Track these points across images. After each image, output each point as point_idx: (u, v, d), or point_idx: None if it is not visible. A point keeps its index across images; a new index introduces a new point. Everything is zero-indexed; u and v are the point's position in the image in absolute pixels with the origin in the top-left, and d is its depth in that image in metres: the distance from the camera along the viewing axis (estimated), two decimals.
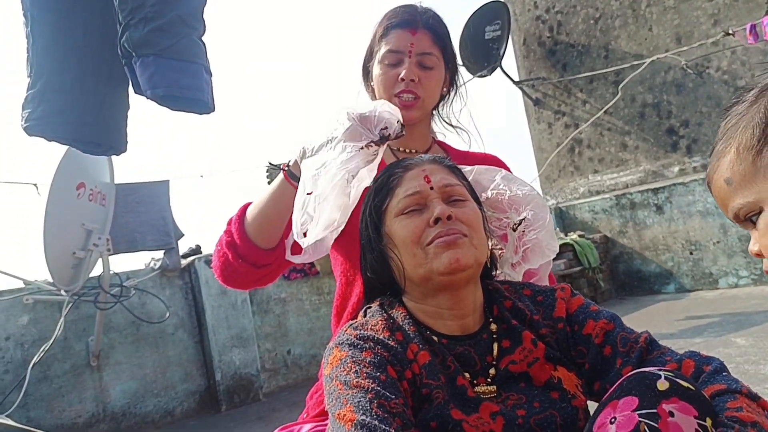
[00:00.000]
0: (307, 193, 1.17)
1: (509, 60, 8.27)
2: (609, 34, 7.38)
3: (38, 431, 3.32)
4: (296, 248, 1.26)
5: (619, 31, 7.28)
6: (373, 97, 1.56)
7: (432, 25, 1.48)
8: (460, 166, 1.25)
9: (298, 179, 1.25)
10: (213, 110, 1.90)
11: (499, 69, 7.73)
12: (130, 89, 1.99)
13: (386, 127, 1.19)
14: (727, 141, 0.95)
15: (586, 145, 7.72)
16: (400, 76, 1.44)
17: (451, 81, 1.58)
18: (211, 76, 1.87)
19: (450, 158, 1.57)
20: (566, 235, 7.19)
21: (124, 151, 2.07)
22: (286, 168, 1.32)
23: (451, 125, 1.63)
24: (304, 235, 1.18)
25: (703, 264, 6.47)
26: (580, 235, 7.09)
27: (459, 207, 1.09)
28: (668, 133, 6.98)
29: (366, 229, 1.15)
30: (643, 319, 5.48)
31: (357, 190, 1.16)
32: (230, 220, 1.42)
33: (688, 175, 6.75)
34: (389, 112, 1.20)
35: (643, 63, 6.75)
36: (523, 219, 1.23)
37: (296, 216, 1.20)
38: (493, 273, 1.22)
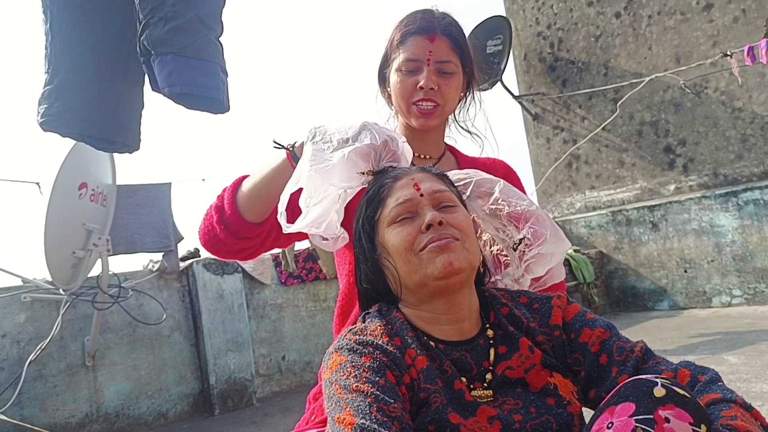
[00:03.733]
0: (299, 188, 1.18)
1: (510, 74, 8.33)
2: (609, 51, 7.45)
3: (33, 428, 3.32)
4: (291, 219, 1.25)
5: (619, 49, 7.35)
6: (390, 104, 1.56)
7: (450, 31, 1.46)
8: (459, 173, 1.27)
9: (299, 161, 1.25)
10: (228, 110, 1.93)
11: (499, 83, 7.79)
12: (145, 88, 2.01)
13: (394, 165, 1.21)
14: None
15: (584, 160, 7.77)
16: (419, 85, 1.43)
17: (467, 86, 1.57)
18: (227, 76, 1.89)
19: (458, 163, 1.60)
20: None
21: (137, 149, 2.09)
22: (291, 149, 1.32)
23: (468, 131, 1.63)
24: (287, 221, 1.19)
25: (697, 282, 6.51)
26: (575, 250, 7.13)
27: (449, 212, 1.10)
28: (665, 151, 7.03)
29: (359, 240, 1.16)
30: (636, 335, 5.50)
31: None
32: (225, 188, 1.42)
33: (684, 194, 6.80)
34: (406, 158, 1.22)
35: (642, 81, 6.82)
36: (522, 239, 1.23)
37: (284, 197, 1.20)
38: (486, 280, 1.23)
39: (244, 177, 1.41)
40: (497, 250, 1.27)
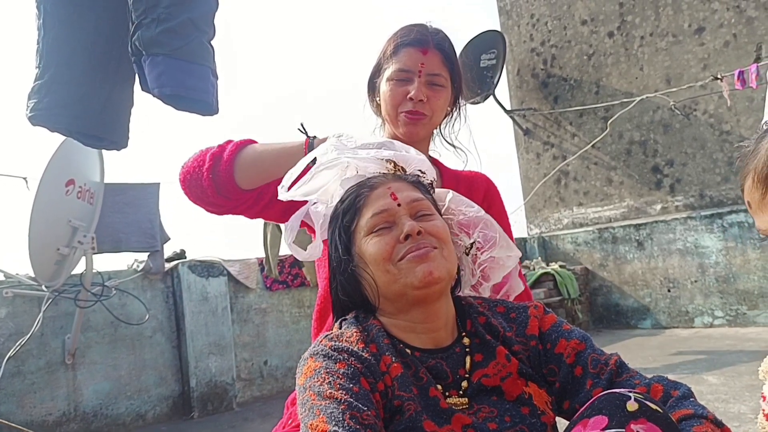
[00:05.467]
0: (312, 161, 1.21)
1: (502, 89, 8.39)
2: (601, 70, 7.52)
3: (9, 424, 3.29)
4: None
5: (611, 68, 7.42)
6: (378, 113, 1.58)
7: (443, 46, 1.50)
8: None
9: None
10: (217, 112, 1.94)
11: (492, 97, 7.84)
12: (135, 86, 2.01)
13: (424, 173, 1.24)
14: (751, 168, 1.00)
15: (573, 177, 7.82)
16: (409, 95, 1.45)
17: (454, 101, 1.60)
18: (217, 79, 1.90)
19: (441, 176, 1.61)
20: (548, 265, 7.25)
21: (125, 146, 2.09)
22: (312, 138, 1.34)
23: (452, 145, 1.65)
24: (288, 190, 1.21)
25: (680, 302, 6.56)
26: (561, 266, 7.17)
27: (427, 221, 1.11)
28: (653, 171, 7.09)
29: (336, 251, 1.15)
30: (618, 352, 5.51)
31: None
32: (230, 140, 1.43)
33: (670, 214, 6.86)
34: (432, 169, 1.26)
35: (633, 101, 6.89)
36: (474, 243, 1.24)
37: (295, 170, 1.23)
38: (458, 291, 1.24)
39: (253, 141, 1.42)
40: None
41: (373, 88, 1.58)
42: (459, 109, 1.63)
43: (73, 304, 4.09)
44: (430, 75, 1.47)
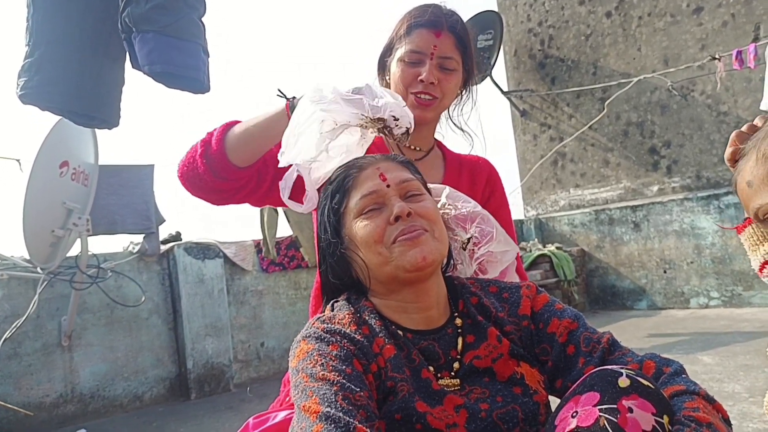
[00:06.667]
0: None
1: (499, 70, 8.34)
2: (598, 51, 7.47)
3: (7, 405, 3.30)
4: (297, 194, 1.28)
5: (608, 49, 7.38)
6: None
7: (456, 28, 1.48)
8: None
9: None
10: (208, 90, 1.92)
11: (489, 78, 7.80)
12: (127, 65, 1.99)
13: (397, 119, 1.22)
14: (752, 147, 1.02)
15: (570, 158, 7.80)
16: (420, 77, 1.45)
17: (464, 84, 1.58)
18: (208, 56, 1.89)
19: (445, 159, 1.61)
20: (544, 246, 7.26)
21: (117, 125, 2.08)
22: (292, 99, 1.33)
23: (460, 129, 1.64)
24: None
25: (675, 283, 6.58)
26: (557, 247, 7.18)
27: (417, 202, 1.10)
28: (650, 152, 7.08)
29: (325, 233, 1.15)
30: (614, 333, 5.54)
31: (343, 159, 1.19)
32: (216, 127, 1.42)
33: (667, 195, 6.85)
34: (408, 115, 1.23)
35: (630, 82, 6.86)
36: (470, 237, 1.24)
37: (286, 135, 1.24)
38: (450, 269, 1.23)
39: (237, 122, 1.41)
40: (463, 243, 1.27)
41: (383, 67, 1.57)
42: (469, 92, 1.61)
43: (69, 286, 4.09)
44: (442, 58, 1.46)
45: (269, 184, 1.44)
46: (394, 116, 1.23)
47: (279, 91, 1.38)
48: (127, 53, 1.85)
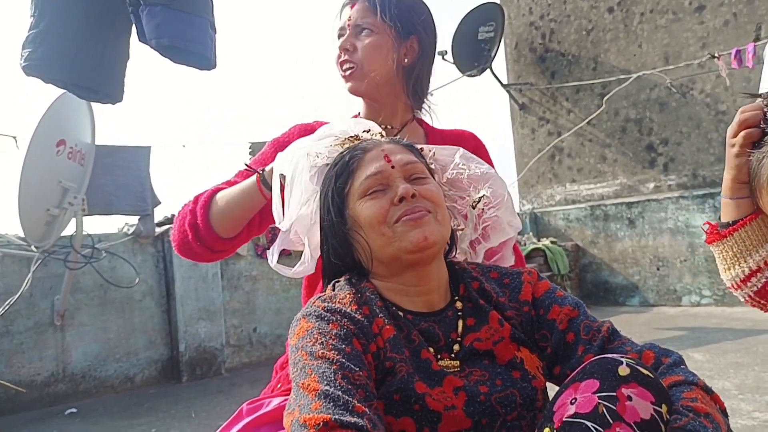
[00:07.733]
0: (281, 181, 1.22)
1: (499, 62, 8.33)
2: (599, 46, 7.47)
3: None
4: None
5: (609, 44, 7.37)
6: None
7: None
8: (424, 146, 1.27)
9: (269, 187, 1.28)
10: (214, 66, 1.91)
11: (488, 70, 7.78)
12: (132, 39, 1.98)
13: (368, 130, 1.24)
14: None
15: (567, 153, 7.81)
16: (338, 47, 1.47)
17: (418, 51, 1.51)
18: (215, 32, 1.87)
19: (426, 134, 1.59)
20: (539, 240, 7.29)
21: (120, 100, 2.06)
22: (261, 172, 1.33)
23: (421, 99, 1.55)
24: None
25: (668, 280, 6.61)
26: (552, 242, 7.20)
27: (421, 184, 1.10)
28: (647, 149, 7.09)
29: (328, 214, 1.14)
30: None
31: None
32: (197, 198, 1.42)
33: (663, 193, 6.87)
34: (375, 125, 1.25)
35: (630, 78, 6.86)
36: (482, 196, 1.24)
37: (275, 204, 1.24)
38: (452, 255, 1.23)
39: (215, 191, 1.41)
40: (454, 225, 1.27)
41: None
42: (425, 59, 1.52)
43: (63, 266, 4.08)
44: (356, 26, 1.46)
45: (258, 223, 1.47)
46: (364, 130, 1.25)
47: (246, 165, 1.43)
48: (134, 26, 1.84)
